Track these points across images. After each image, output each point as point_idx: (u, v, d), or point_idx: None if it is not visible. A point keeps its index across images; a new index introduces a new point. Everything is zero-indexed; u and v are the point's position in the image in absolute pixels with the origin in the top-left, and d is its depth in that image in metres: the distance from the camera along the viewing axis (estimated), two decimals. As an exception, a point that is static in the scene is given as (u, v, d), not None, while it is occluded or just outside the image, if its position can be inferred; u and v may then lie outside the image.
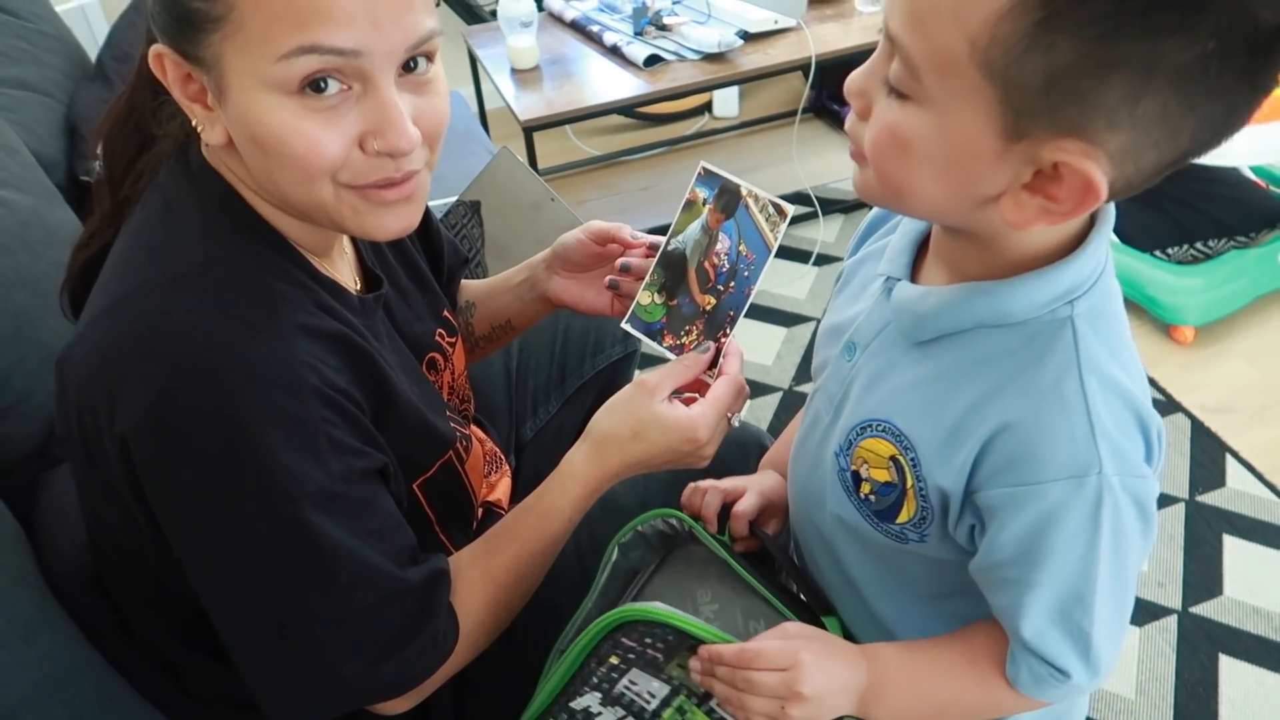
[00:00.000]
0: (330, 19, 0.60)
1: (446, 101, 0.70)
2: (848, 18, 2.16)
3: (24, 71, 1.39)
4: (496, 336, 1.05)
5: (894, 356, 0.70)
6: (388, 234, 0.71)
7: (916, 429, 0.67)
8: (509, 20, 2.00)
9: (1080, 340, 0.61)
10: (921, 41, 0.52)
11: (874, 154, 0.58)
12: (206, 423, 0.63)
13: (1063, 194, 0.54)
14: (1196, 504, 1.63)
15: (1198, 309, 1.91)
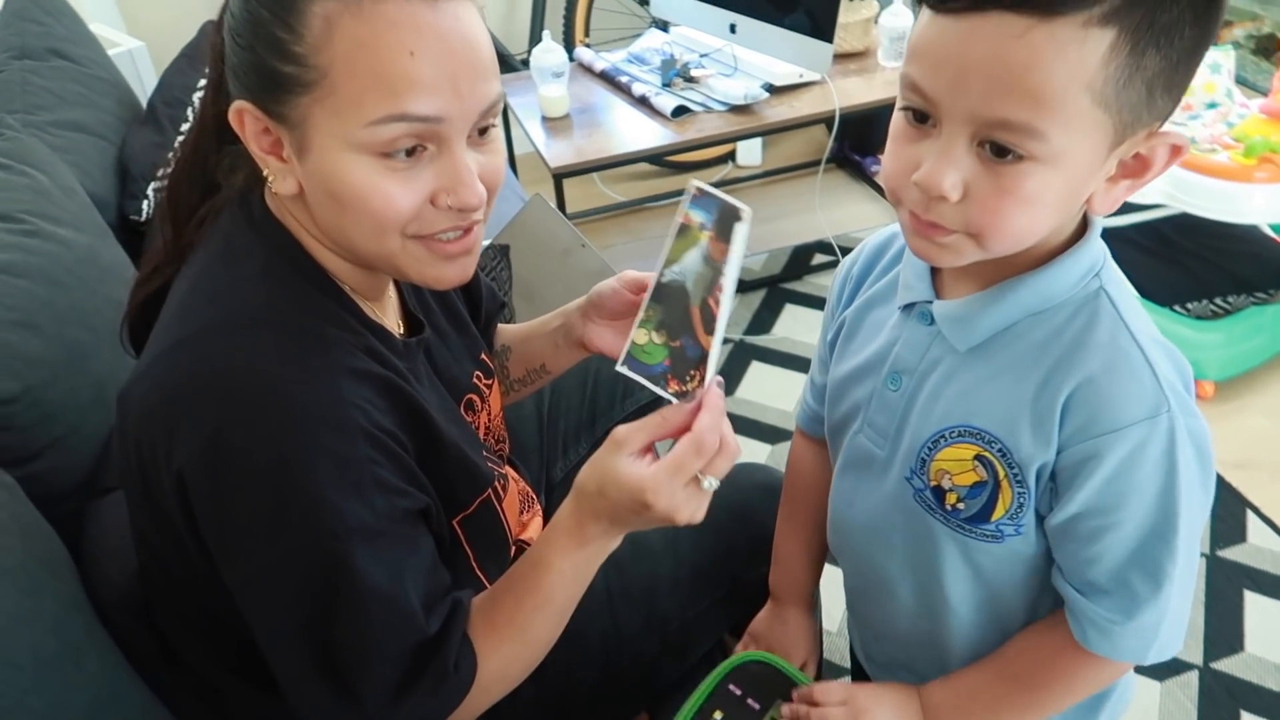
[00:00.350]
0: (419, 88, 0.65)
1: (504, 158, 0.75)
2: (871, 73, 2.21)
3: (80, 114, 1.45)
4: (531, 380, 1.08)
5: (948, 369, 0.74)
6: (447, 283, 0.76)
7: (997, 421, 0.70)
8: (541, 70, 2.06)
9: (1117, 303, 0.68)
10: (1042, 109, 0.57)
11: (994, 221, 0.62)
12: (259, 460, 0.66)
13: (1153, 166, 0.63)
14: (1217, 559, 1.63)
15: (1217, 364, 1.93)
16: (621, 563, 0.97)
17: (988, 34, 0.56)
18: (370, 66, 0.65)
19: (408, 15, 0.65)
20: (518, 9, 2.81)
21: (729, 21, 2.15)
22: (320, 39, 0.65)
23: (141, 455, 0.70)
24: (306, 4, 0.65)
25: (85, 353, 1.04)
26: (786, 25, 2.04)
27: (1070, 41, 0.55)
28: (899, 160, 0.64)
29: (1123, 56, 0.56)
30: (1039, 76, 0.56)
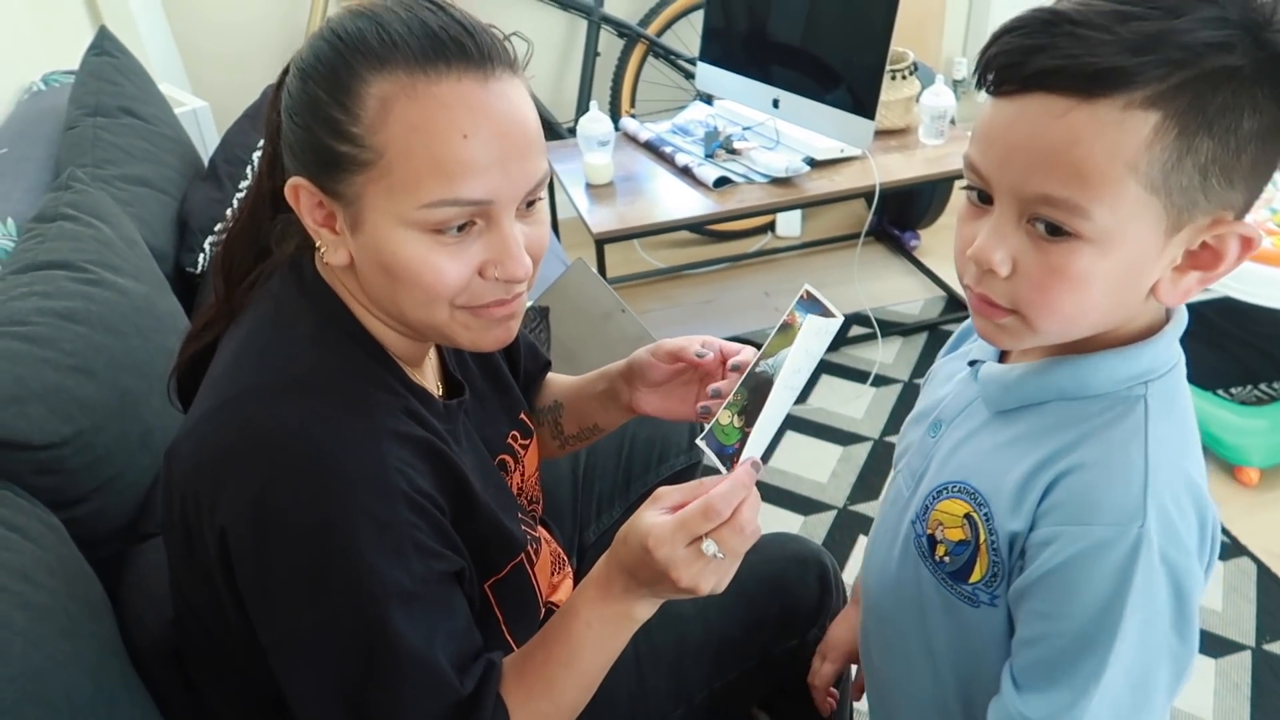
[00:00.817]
0: (471, 172, 0.67)
1: (548, 228, 0.77)
2: (911, 149, 2.24)
3: (145, 170, 1.50)
4: (585, 436, 1.07)
5: (975, 426, 0.76)
6: (492, 347, 0.78)
7: (991, 485, 0.71)
8: (587, 139, 2.11)
9: (1150, 416, 0.66)
10: (1086, 187, 0.58)
11: (1042, 300, 0.62)
12: (302, 522, 0.67)
13: (1223, 260, 0.62)
14: (1264, 653, 1.58)
15: (1263, 451, 1.89)
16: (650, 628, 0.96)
17: (1032, 114, 0.59)
18: (425, 149, 0.66)
19: (460, 97, 0.67)
20: (566, 79, 2.89)
21: (772, 97, 2.19)
22: (376, 120, 0.67)
23: (185, 511, 0.71)
24: (362, 86, 0.67)
25: (136, 399, 1.06)
26: (829, 101, 2.08)
27: (1110, 123, 0.56)
28: (961, 238, 0.67)
29: (1170, 139, 0.56)
30: (1079, 154, 0.57)
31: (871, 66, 1.98)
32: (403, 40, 0.67)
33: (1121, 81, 0.56)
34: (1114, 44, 0.55)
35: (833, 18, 2.09)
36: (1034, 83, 0.58)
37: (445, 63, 0.67)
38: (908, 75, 2.26)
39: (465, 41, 0.67)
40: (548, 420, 1.07)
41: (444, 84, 0.67)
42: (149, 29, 2.34)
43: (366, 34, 0.68)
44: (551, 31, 2.81)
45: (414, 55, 0.66)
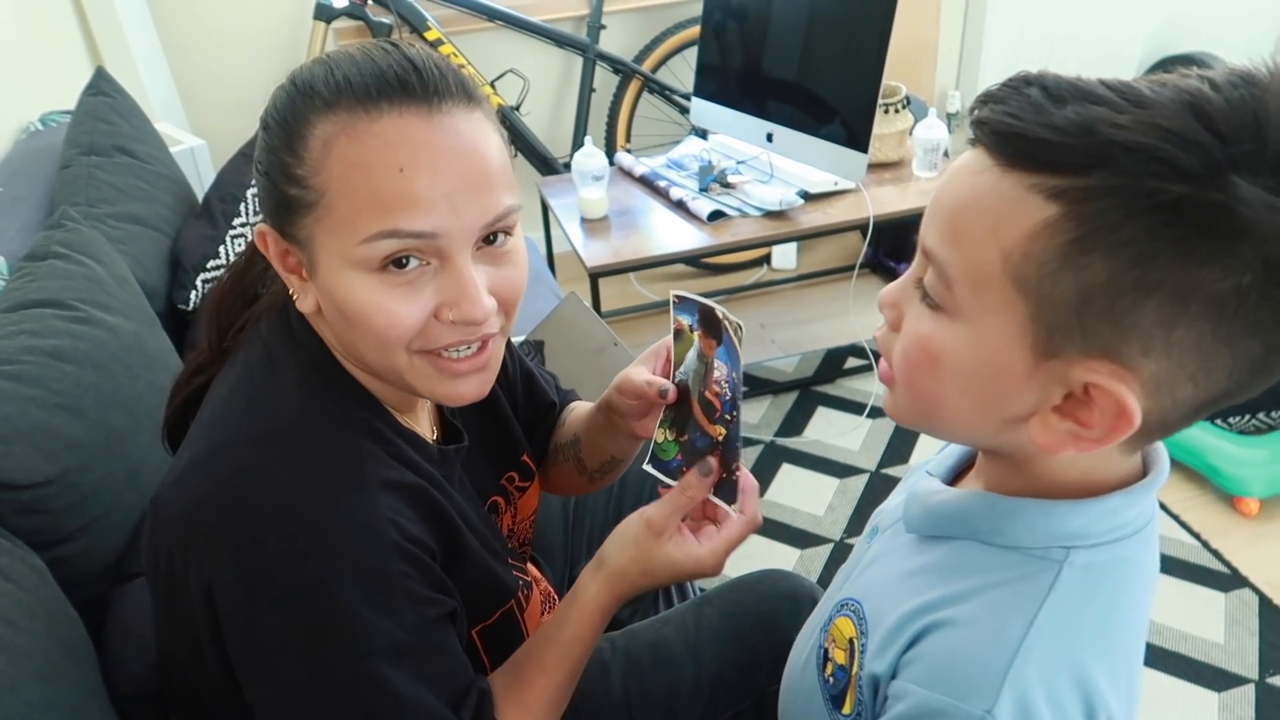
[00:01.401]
0: (411, 206, 0.66)
1: (524, 270, 0.74)
2: (905, 181, 2.25)
3: (139, 208, 1.51)
4: (608, 470, 1.04)
5: (897, 544, 0.69)
6: (460, 401, 0.75)
7: (877, 614, 0.65)
8: (582, 173, 2.12)
9: (1055, 592, 0.56)
10: (957, 254, 0.53)
11: (903, 366, 0.58)
12: (292, 577, 0.66)
13: (1094, 419, 0.52)
14: (1267, 686, 1.55)
15: (1263, 481, 1.88)
16: (641, 669, 0.96)
17: (961, 164, 0.55)
18: (363, 184, 0.66)
19: (399, 133, 0.66)
20: (562, 115, 2.92)
21: (766, 131, 2.21)
22: (319, 161, 0.66)
23: (172, 561, 0.70)
24: (309, 129, 0.67)
25: (124, 437, 1.06)
26: (823, 135, 2.09)
27: (1008, 197, 0.50)
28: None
29: (1058, 242, 0.48)
30: (967, 217, 0.52)
31: (864, 100, 2.00)
32: (348, 82, 0.67)
33: (1037, 157, 0.49)
34: (1055, 119, 0.48)
35: (825, 52, 2.11)
36: (977, 135, 0.53)
37: (388, 100, 0.66)
38: (901, 109, 2.28)
39: (409, 78, 0.67)
40: (570, 456, 1.04)
41: (383, 120, 0.66)
42: (148, 69, 2.37)
43: (317, 79, 0.68)
44: (548, 68, 2.84)
45: (358, 95, 0.66)
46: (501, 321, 0.74)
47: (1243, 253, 0.45)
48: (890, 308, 0.59)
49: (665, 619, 1.02)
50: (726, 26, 2.30)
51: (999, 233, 0.51)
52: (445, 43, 2.59)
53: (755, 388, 2.39)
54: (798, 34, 2.14)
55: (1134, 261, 0.47)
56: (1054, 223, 0.48)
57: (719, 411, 0.78)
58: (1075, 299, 0.49)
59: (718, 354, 0.77)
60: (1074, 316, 0.50)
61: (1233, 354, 0.49)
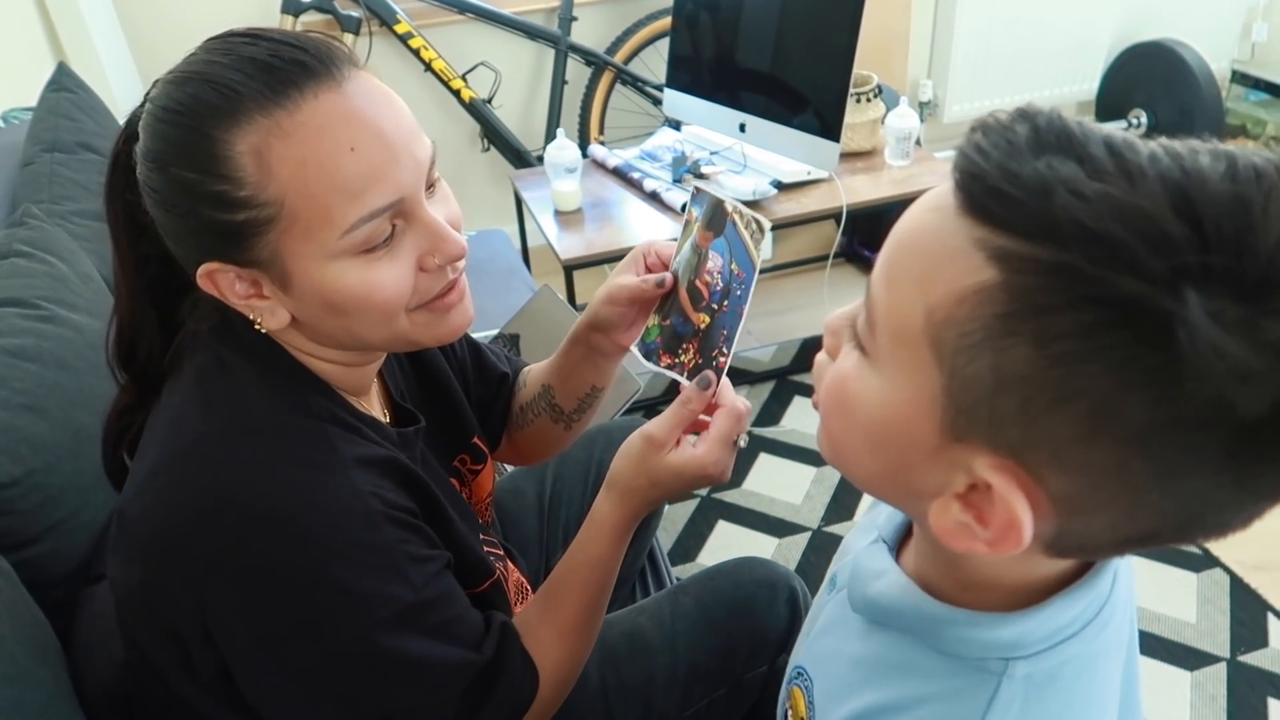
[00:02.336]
0: (376, 181, 0.66)
1: (454, 202, 0.76)
2: (878, 170, 2.26)
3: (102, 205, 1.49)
4: (587, 404, 1.03)
5: (846, 617, 0.63)
6: (459, 332, 0.78)
7: (824, 700, 0.61)
8: (554, 166, 2.11)
9: (993, 710, 0.51)
10: (885, 295, 0.47)
11: (823, 400, 0.53)
12: (286, 567, 0.66)
13: (991, 521, 0.45)
14: (1238, 664, 1.58)
15: (1232, 462, 1.90)
16: (617, 658, 0.96)
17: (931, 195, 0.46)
18: (321, 178, 0.64)
19: (326, 114, 0.64)
20: (535, 107, 2.90)
21: (739, 121, 2.21)
22: (259, 175, 0.64)
23: (148, 573, 0.69)
24: (227, 148, 0.63)
25: (90, 437, 1.04)
26: (795, 125, 2.10)
27: (951, 247, 0.42)
28: None
29: (985, 313, 0.41)
30: (906, 253, 0.46)
31: (835, 90, 2.00)
32: (241, 85, 0.64)
33: (990, 208, 0.41)
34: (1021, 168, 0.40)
35: (797, 42, 2.11)
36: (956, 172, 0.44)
37: (297, 89, 0.64)
38: (872, 98, 2.28)
39: (301, 58, 0.65)
40: (543, 409, 1.03)
41: (304, 109, 0.64)
42: (113, 65, 2.34)
43: (202, 96, 0.64)
44: (519, 61, 2.82)
45: (260, 95, 0.64)
46: None
47: (1181, 382, 0.37)
48: (831, 335, 0.54)
49: (641, 608, 1.02)
50: (698, 17, 2.29)
51: (927, 284, 0.43)
52: (415, 36, 2.57)
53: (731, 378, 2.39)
54: (769, 24, 2.14)
55: (1059, 359, 0.39)
56: (986, 289, 0.40)
57: (705, 300, 0.80)
58: (990, 383, 0.41)
59: (714, 245, 0.79)
60: (984, 403, 0.42)
61: (1162, 493, 0.41)
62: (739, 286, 0.79)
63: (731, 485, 2.04)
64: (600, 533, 0.84)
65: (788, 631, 1.04)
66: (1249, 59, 3.37)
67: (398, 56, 2.65)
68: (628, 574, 1.25)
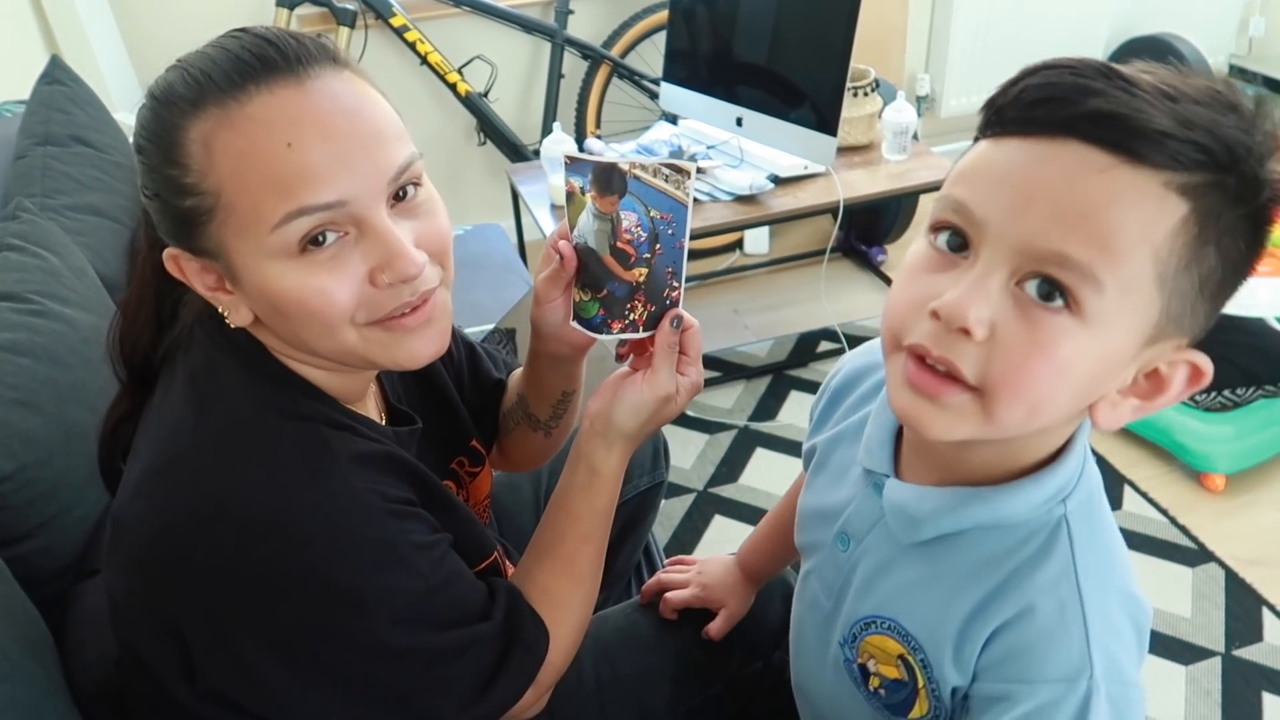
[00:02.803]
0: (310, 180, 0.63)
1: (444, 218, 0.73)
2: (875, 165, 2.25)
3: (97, 199, 1.48)
4: (561, 410, 1.02)
5: (891, 554, 0.70)
6: (420, 360, 0.74)
7: (924, 631, 0.67)
8: (551, 160, 2.11)
9: (1075, 541, 0.62)
10: (1109, 256, 0.51)
11: (1021, 379, 0.53)
12: (291, 571, 0.66)
13: (1166, 390, 0.57)
14: (1233, 659, 1.58)
15: (1228, 457, 1.90)
16: (612, 655, 0.96)
17: (1066, 161, 0.51)
18: (256, 171, 0.63)
19: (276, 109, 0.64)
20: (532, 101, 2.90)
21: (735, 115, 2.20)
22: (204, 163, 0.64)
23: (149, 580, 0.68)
24: (182, 134, 0.64)
25: (84, 432, 1.04)
26: (792, 119, 2.09)
27: (1151, 195, 0.50)
28: (913, 289, 0.57)
29: (1189, 238, 0.51)
30: (1114, 216, 0.50)
31: (832, 84, 1.99)
32: (207, 76, 0.64)
33: (1168, 154, 0.50)
34: (1168, 114, 0.50)
35: (794, 36, 2.10)
36: (1079, 126, 0.51)
37: (253, 81, 0.64)
38: (869, 92, 2.28)
39: (268, 53, 0.65)
40: (521, 417, 1.03)
41: (255, 102, 0.64)
42: (106, 58, 2.32)
43: (174, 83, 0.65)
44: (515, 54, 2.81)
45: (220, 86, 0.64)
46: (440, 273, 0.73)
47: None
48: (982, 322, 0.53)
49: (636, 604, 1.02)
50: (695, 11, 2.28)
51: (1151, 231, 0.51)
52: (411, 29, 2.56)
53: (728, 373, 2.39)
54: (766, 18, 2.14)
55: (1227, 249, 0.53)
56: (1186, 219, 0.51)
57: (634, 256, 0.79)
58: (1195, 290, 0.53)
59: (622, 205, 0.78)
60: (1188, 306, 0.54)
61: None
62: (669, 226, 0.79)
63: (728, 480, 2.04)
64: (606, 484, 0.84)
65: (783, 627, 1.03)
66: (1246, 53, 3.37)
67: (394, 50, 2.64)
68: (623, 569, 1.25)
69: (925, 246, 0.58)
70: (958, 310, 0.53)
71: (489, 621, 0.76)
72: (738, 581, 1.02)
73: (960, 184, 0.56)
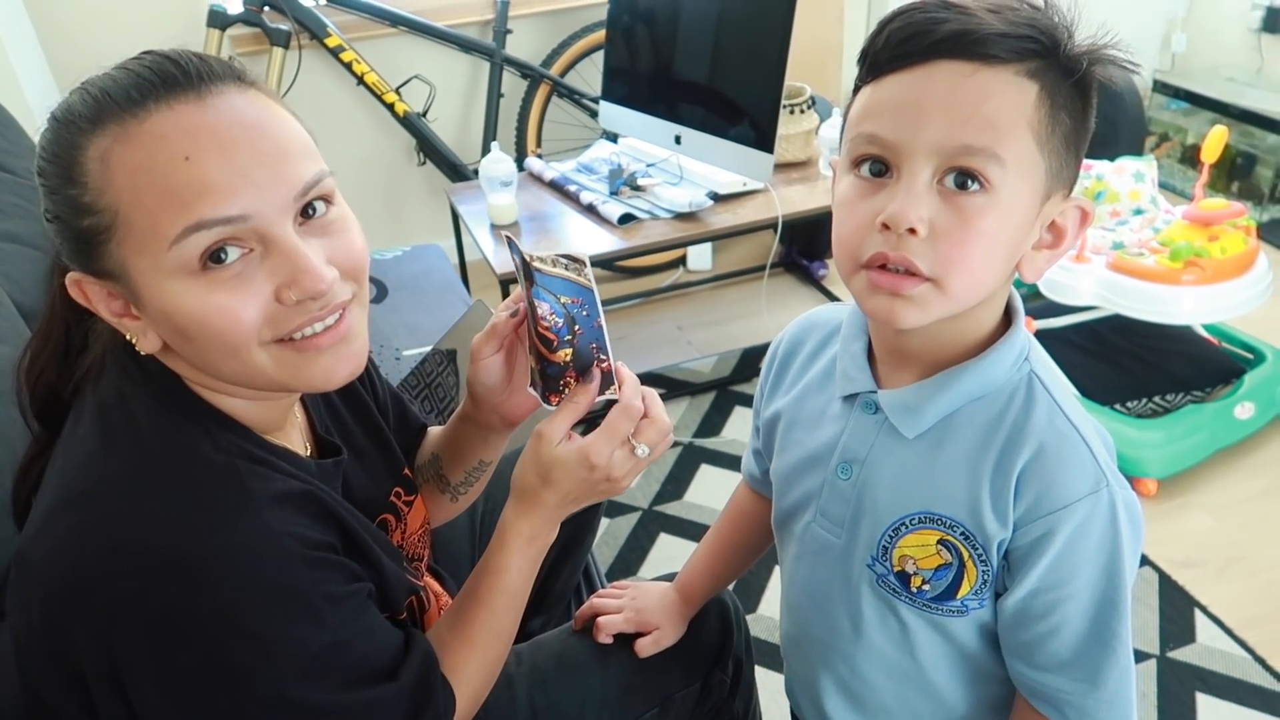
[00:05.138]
0: (208, 193, 0.62)
1: (358, 236, 0.72)
2: (812, 181, 2.28)
3: (15, 226, 1.44)
4: (473, 478, 1.03)
5: (899, 456, 0.76)
6: (334, 381, 0.72)
7: (957, 506, 0.73)
8: (490, 179, 2.10)
9: (1047, 385, 0.73)
10: (999, 136, 0.63)
11: (962, 256, 0.65)
12: (195, 613, 0.63)
13: (1065, 235, 0.70)
14: (1168, 660, 1.61)
15: (1159, 462, 1.95)
16: (547, 681, 0.95)
17: (941, 77, 0.64)
18: (152, 186, 0.62)
19: (174, 124, 0.63)
20: (471, 120, 2.89)
21: (674, 133, 2.21)
22: (100, 180, 0.63)
23: (49, 619, 0.66)
24: (80, 154, 0.63)
25: (-3, 468, 1.00)
26: (730, 137, 2.11)
27: (1010, 84, 0.63)
28: (857, 216, 0.67)
29: (1046, 108, 0.64)
30: (991, 106, 0.63)
31: (769, 102, 2.01)
32: (106, 94, 0.64)
33: (1010, 49, 0.63)
34: (1000, 22, 0.64)
35: (730, 55, 2.12)
36: (940, 49, 0.63)
37: (153, 98, 0.63)
38: (806, 109, 2.31)
39: (169, 70, 0.64)
40: (431, 476, 1.03)
41: (154, 118, 0.63)
42: (30, 82, 2.27)
43: (74, 104, 0.65)
44: (454, 74, 2.80)
45: (120, 103, 0.63)
46: (353, 289, 0.71)
47: None
48: (923, 221, 0.64)
49: (570, 629, 1.01)
50: (633, 30, 2.30)
51: (1020, 109, 0.64)
52: (347, 49, 2.54)
53: (673, 389, 2.39)
54: (703, 37, 2.15)
55: (1079, 108, 0.66)
56: (1039, 96, 0.64)
57: (556, 340, 0.82)
58: (1063, 147, 0.66)
59: (534, 293, 0.80)
60: (1062, 162, 0.67)
61: None
62: (582, 309, 0.82)
63: (673, 497, 2.03)
64: (501, 539, 0.84)
65: (720, 646, 1.03)
66: (1169, 69, 3.48)
67: (330, 70, 2.61)
68: (562, 592, 1.24)
69: (851, 180, 0.69)
70: (902, 215, 0.64)
71: (396, 683, 0.73)
72: (672, 604, 1.02)
73: (865, 122, 0.67)
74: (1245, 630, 1.65)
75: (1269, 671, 1.58)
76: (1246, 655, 1.61)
